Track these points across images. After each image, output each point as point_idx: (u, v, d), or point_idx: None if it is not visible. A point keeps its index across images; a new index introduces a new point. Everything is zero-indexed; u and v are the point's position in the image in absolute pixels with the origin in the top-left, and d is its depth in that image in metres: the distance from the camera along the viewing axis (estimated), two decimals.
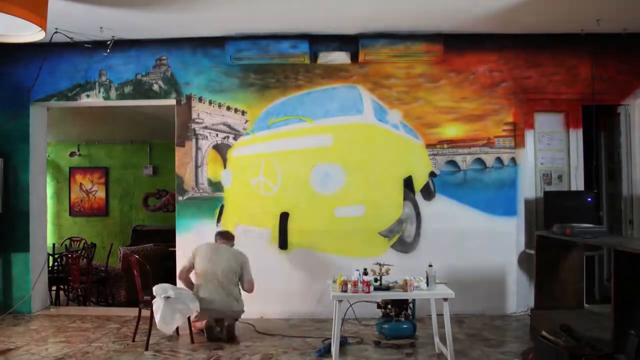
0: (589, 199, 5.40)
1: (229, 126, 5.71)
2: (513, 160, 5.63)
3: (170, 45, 5.74)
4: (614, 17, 5.03)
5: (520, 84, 5.65)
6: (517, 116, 5.65)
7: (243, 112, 5.70)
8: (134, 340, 4.64)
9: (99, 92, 5.79)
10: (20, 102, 5.71)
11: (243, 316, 4.89)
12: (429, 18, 5.18)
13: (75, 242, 8.22)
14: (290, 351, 4.39)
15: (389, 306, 4.47)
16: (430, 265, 4.12)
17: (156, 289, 4.51)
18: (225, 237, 5.06)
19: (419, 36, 5.57)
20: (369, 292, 3.97)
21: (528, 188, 5.67)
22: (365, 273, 4.07)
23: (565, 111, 5.73)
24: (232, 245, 5.04)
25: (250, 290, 4.89)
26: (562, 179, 5.74)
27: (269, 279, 5.29)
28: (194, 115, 5.72)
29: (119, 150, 9.98)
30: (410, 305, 4.49)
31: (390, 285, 4.14)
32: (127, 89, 5.79)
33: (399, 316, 4.45)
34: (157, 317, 4.42)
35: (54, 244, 7.52)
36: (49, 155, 8.36)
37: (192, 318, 4.70)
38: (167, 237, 7.37)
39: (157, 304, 4.45)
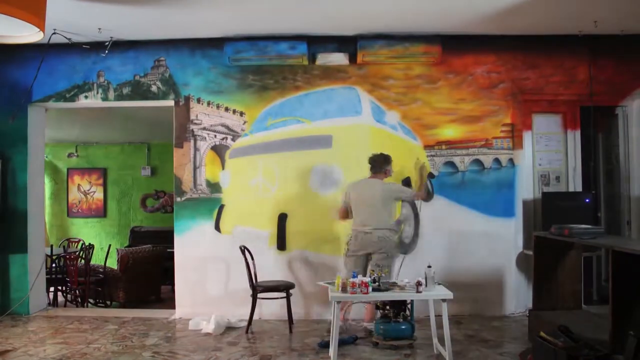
0: (587, 200, 5.41)
1: (227, 127, 5.71)
2: (511, 161, 5.64)
3: (169, 47, 5.74)
4: (611, 18, 5.04)
5: (518, 85, 5.66)
6: (515, 117, 5.66)
7: (241, 113, 5.70)
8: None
9: (97, 93, 5.79)
10: (19, 103, 5.70)
11: (241, 318, 4.89)
12: (427, 19, 5.19)
13: (73, 243, 8.22)
14: (289, 352, 4.39)
15: (387, 307, 4.47)
16: (429, 266, 4.12)
17: None
18: (378, 166, 5.00)
19: (417, 37, 5.58)
20: (367, 293, 3.97)
21: (526, 189, 5.68)
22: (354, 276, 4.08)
23: (563, 112, 5.74)
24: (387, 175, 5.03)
25: (423, 197, 5.21)
26: (560, 180, 5.75)
27: (267, 280, 5.28)
28: (192, 116, 5.72)
29: (117, 151, 9.98)
30: (409, 306, 4.49)
31: (389, 286, 4.14)
32: (126, 90, 5.79)
33: (397, 317, 4.46)
34: None
35: (52, 245, 7.50)
36: (47, 156, 8.35)
37: None
38: (166, 238, 7.37)
39: None
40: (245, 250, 5.05)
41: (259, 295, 5.01)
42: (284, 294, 5.04)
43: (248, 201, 5.66)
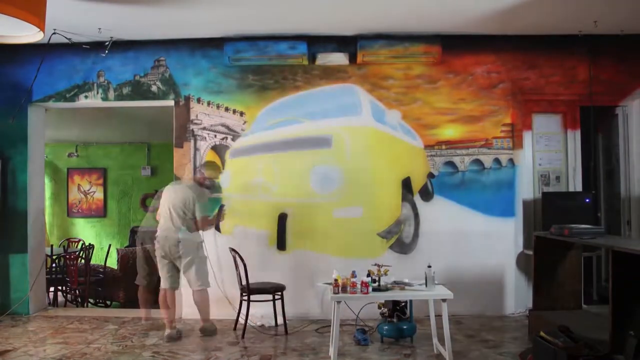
0: (587, 200, 5.41)
1: (227, 127, 5.71)
2: (511, 161, 5.64)
3: (169, 47, 5.74)
4: (611, 18, 5.05)
5: (518, 85, 5.66)
6: (515, 117, 5.66)
7: (241, 113, 5.70)
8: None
9: (97, 93, 5.79)
10: (19, 102, 5.70)
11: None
12: (427, 19, 5.19)
13: (73, 243, 8.23)
14: (289, 352, 4.39)
15: (389, 307, 4.48)
16: (429, 266, 4.12)
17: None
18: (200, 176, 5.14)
19: (417, 37, 5.58)
20: (367, 293, 3.97)
21: (526, 189, 5.68)
22: (354, 275, 4.08)
23: (563, 112, 5.75)
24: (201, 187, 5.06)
25: (202, 227, 4.92)
26: (560, 180, 5.75)
27: (267, 280, 5.28)
28: (192, 116, 5.72)
29: (117, 151, 9.98)
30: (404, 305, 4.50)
31: (389, 286, 4.14)
32: (126, 90, 5.79)
33: (398, 317, 4.46)
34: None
35: (52, 245, 7.51)
36: (47, 156, 8.34)
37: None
38: None
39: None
40: (236, 255, 5.00)
41: (250, 297, 4.90)
42: (277, 296, 5.00)
43: (248, 201, 5.66)
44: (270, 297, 5.01)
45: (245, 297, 4.91)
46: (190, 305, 5.57)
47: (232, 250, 5.03)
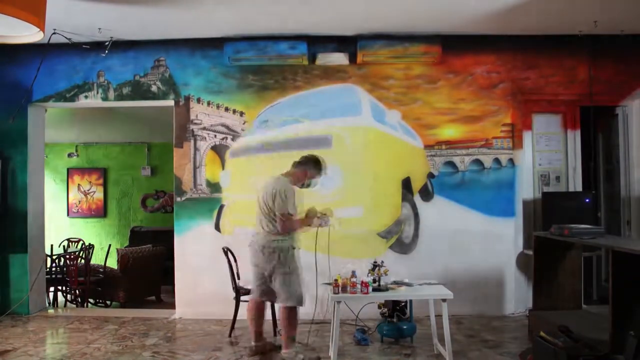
0: (587, 200, 5.41)
1: (227, 127, 5.71)
2: (511, 161, 5.64)
3: (169, 47, 5.74)
4: (611, 18, 5.05)
5: (518, 85, 5.66)
6: (515, 117, 5.66)
7: (241, 113, 5.70)
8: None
9: (97, 93, 5.79)
10: (19, 103, 5.70)
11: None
12: (427, 19, 5.19)
13: (74, 243, 8.22)
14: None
15: (389, 307, 4.48)
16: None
17: None
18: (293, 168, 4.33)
19: (417, 37, 5.59)
20: (367, 293, 3.97)
21: (526, 189, 5.68)
22: (354, 275, 4.07)
23: (563, 112, 5.75)
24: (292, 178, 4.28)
25: (283, 229, 4.05)
26: (560, 180, 5.75)
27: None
28: (192, 116, 5.72)
29: (117, 151, 9.98)
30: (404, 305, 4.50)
31: (389, 286, 4.14)
32: (126, 90, 5.79)
33: (398, 317, 4.46)
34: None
35: (52, 245, 7.51)
36: (47, 156, 8.33)
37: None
38: (166, 238, 7.37)
39: None
40: (228, 252, 4.97)
41: (243, 297, 4.86)
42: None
43: (248, 201, 5.63)
44: None
45: (241, 298, 4.90)
46: (188, 305, 5.59)
47: (226, 250, 5.01)
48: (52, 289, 6.81)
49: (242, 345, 4.61)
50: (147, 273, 7.30)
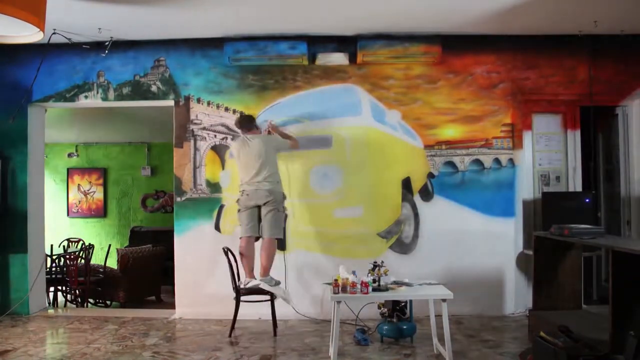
0: (587, 200, 5.41)
1: (227, 127, 5.71)
2: (511, 161, 5.64)
3: (169, 47, 5.74)
4: (611, 18, 5.05)
5: (518, 85, 5.66)
6: (515, 117, 5.66)
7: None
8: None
9: (97, 93, 5.79)
10: (19, 103, 5.70)
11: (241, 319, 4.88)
12: (427, 19, 5.19)
13: (73, 243, 8.22)
14: (289, 352, 4.38)
15: (389, 307, 4.48)
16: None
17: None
18: (246, 125, 5.28)
19: (417, 37, 5.59)
20: (367, 293, 3.97)
21: (526, 189, 5.68)
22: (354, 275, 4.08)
23: (563, 112, 5.74)
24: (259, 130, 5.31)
25: (294, 144, 5.29)
26: (560, 180, 5.75)
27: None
28: (192, 116, 5.72)
29: (117, 151, 9.98)
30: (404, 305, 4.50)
31: (389, 286, 4.14)
32: (126, 90, 5.79)
33: (398, 317, 4.46)
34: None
35: (52, 245, 7.51)
36: (47, 156, 8.34)
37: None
38: (166, 238, 7.38)
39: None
40: (228, 252, 4.97)
41: (243, 298, 4.91)
42: (267, 297, 4.95)
43: None
44: (269, 297, 5.00)
45: (241, 298, 4.90)
46: (188, 305, 5.59)
47: (226, 250, 5.01)
48: (52, 289, 6.81)
49: (242, 345, 4.61)
50: (147, 273, 7.31)
